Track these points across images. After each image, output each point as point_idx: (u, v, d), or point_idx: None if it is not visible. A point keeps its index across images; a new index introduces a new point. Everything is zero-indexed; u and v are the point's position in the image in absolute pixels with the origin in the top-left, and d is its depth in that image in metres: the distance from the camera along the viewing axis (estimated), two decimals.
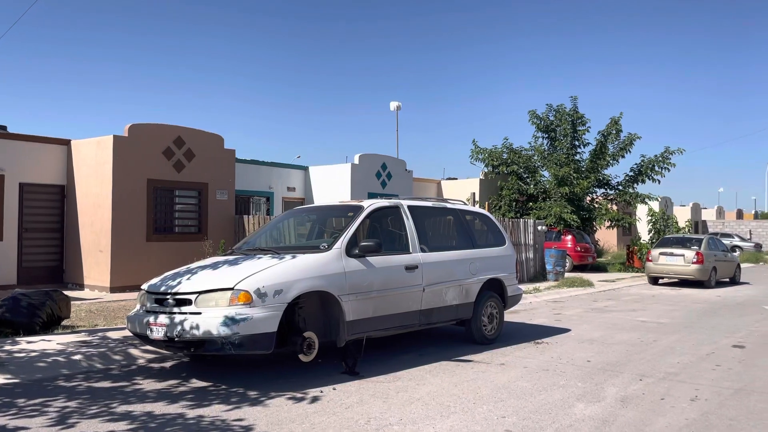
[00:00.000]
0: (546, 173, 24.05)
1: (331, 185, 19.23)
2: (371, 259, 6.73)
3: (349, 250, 6.56)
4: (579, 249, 21.57)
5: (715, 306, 13.25)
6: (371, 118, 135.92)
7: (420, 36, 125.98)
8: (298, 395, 5.56)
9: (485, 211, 9.71)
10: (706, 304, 13.63)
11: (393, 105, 24.34)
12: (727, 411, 5.33)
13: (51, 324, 8.00)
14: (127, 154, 13.08)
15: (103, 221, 12.98)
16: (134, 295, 11.79)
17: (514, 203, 24.25)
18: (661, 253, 18.01)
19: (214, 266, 6.46)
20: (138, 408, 5.09)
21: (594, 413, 5.20)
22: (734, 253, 21.27)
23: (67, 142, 14.07)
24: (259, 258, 6.45)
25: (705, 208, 51.06)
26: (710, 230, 44.39)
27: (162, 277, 6.57)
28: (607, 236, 32.79)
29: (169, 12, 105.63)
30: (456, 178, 27.31)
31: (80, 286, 13.38)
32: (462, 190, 22.64)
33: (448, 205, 8.67)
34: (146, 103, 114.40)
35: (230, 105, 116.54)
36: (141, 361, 6.86)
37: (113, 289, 12.67)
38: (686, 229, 25.41)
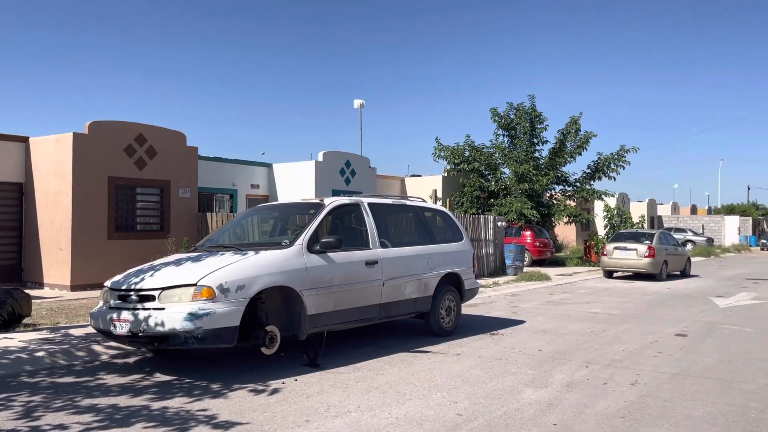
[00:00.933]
0: (507, 170, 24.59)
1: (295, 182, 19.35)
2: (332, 254, 6.95)
3: (311, 247, 6.77)
4: (538, 244, 22.13)
5: (664, 298, 13.84)
6: (336, 115, 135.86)
7: (384, 35, 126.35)
8: (260, 387, 5.75)
9: (444, 208, 10.02)
10: (656, 296, 14.22)
11: (357, 103, 24.57)
12: (663, 393, 5.73)
13: (12, 322, 8.01)
14: (87, 152, 13.00)
15: (63, 219, 12.89)
16: (95, 293, 11.80)
17: (476, 199, 24.72)
18: (615, 248, 18.65)
19: (177, 263, 6.60)
20: (102, 401, 5.23)
21: (540, 397, 5.53)
22: (685, 248, 22.08)
23: (25, 140, 13.89)
24: (222, 254, 6.61)
25: (661, 204, 52.56)
26: (665, 225, 45.78)
27: (125, 274, 6.68)
28: (566, 231, 33.58)
29: (129, 9, 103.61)
30: (420, 175, 27.68)
31: (40, 285, 13.26)
32: (425, 187, 23.00)
33: (408, 203, 8.94)
34: (108, 102, 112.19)
35: (194, 103, 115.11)
36: (104, 357, 6.95)
37: (74, 288, 12.60)
38: (640, 225, 26.21)
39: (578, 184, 25.35)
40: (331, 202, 7.52)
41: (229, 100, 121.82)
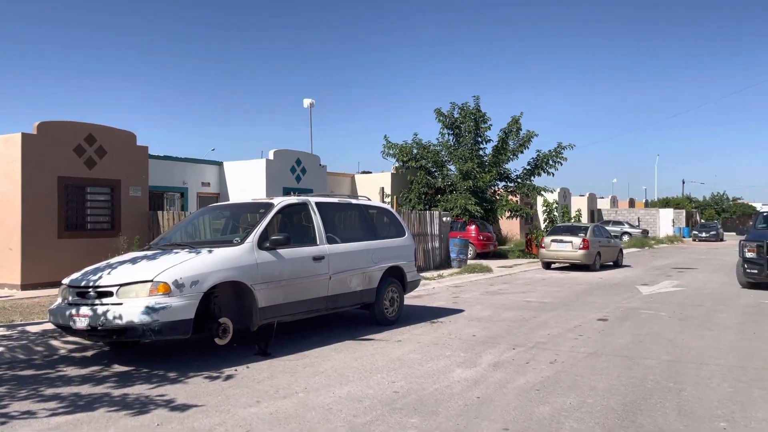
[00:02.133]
0: (453, 167, 25.41)
1: (246, 180, 19.63)
2: (281, 251, 7.43)
3: (261, 244, 7.23)
4: (482, 238, 23.02)
5: (595, 287, 14.80)
6: (287, 114, 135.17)
7: (333, 35, 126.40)
8: (215, 374, 6.20)
9: (387, 206, 10.59)
10: (587, 285, 15.17)
11: (306, 102, 24.95)
12: (576, 370, 6.45)
13: None
14: (36, 152, 13.05)
15: (13, 219, 12.91)
16: (47, 292, 11.93)
17: (424, 196, 25.46)
18: (552, 240, 19.65)
19: (134, 261, 6.97)
20: (65, 390, 5.60)
21: (468, 376, 6.17)
22: (617, 240, 23.32)
23: None
24: (176, 252, 7.01)
25: (601, 198, 54.67)
26: (605, 218, 47.71)
27: (83, 271, 7.00)
28: (510, 225, 34.77)
29: (76, 8, 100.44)
30: (371, 172, 28.28)
31: None
32: (375, 184, 23.59)
33: (353, 201, 9.48)
34: (57, 101, 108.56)
35: (145, 102, 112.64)
36: (63, 352, 7.26)
37: (24, 287, 12.66)
38: (577, 218, 27.48)
39: (520, 180, 26.39)
40: (280, 201, 7.99)
41: (180, 100, 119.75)
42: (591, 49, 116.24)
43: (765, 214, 15.55)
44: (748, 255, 13.70)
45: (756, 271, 13.54)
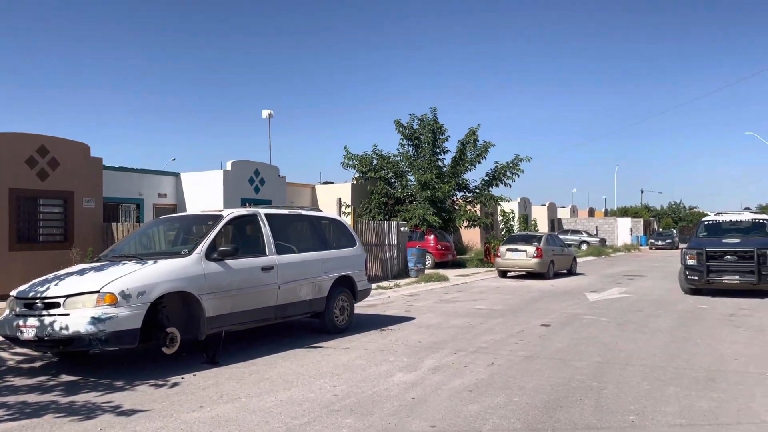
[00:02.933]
0: (412, 178, 25.90)
1: (204, 191, 19.74)
2: (230, 261, 7.69)
3: (209, 255, 7.48)
4: (440, 247, 23.50)
5: (546, 294, 15.34)
6: (246, 125, 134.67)
7: (292, 47, 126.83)
8: (161, 382, 6.42)
9: (338, 217, 10.93)
10: (538, 292, 15.71)
11: (265, 113, 25.18)
12: (510, 372, 6.85)
13: None
14: None
15: None
16: None
17: (383, 206, 25.86)
18: (507, 249, 20.22)
19: (81, 272, 7.14)
20: (12, 399, 5.76)
21: (408, 379, 6.52)
22: (570, 248, 24.05)
23: None
24: (124, 264, 7.21)
25: (562, 207, 55.97)
26: (564, 227, 48.84)
27: (31, 283, 7.15)
28: (471, 235, 35.38)
29: (31, 16, 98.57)
30: (332, 182, 28.57)
31: None
32: (335, 195, 23.89)
33: (304, 212, 9.79)
34: (7, 113, 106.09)
35: (102, 113, 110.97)
36: (10, 363, 7.38)
37: None
38: (533, 227, 28.22)
39: (478, 190, 27.02)
40: (228, 213, 8.25)
41: (138, 111, 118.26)
42: (553, 61, 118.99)
43: (706, 223, 16.34)
44: (689, 262, 14.41)
45: (696, 278, 14.25)
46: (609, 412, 5.31)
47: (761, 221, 15.38)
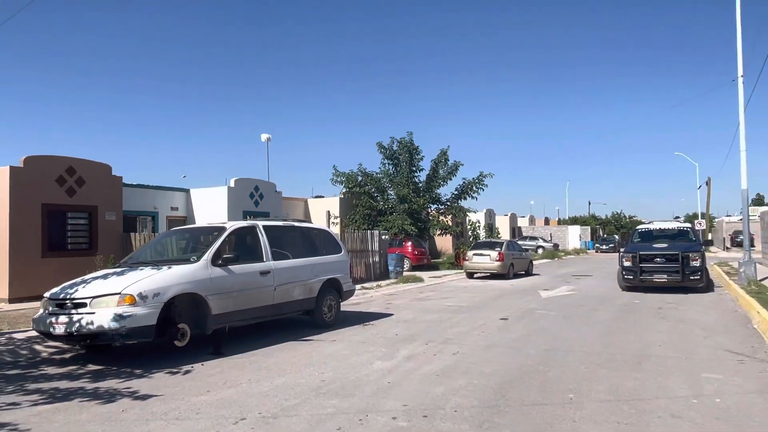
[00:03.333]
0: (392, 192, 26.12)
1: (210, 205, 19.76)
2: (232, 267, 7.81)
3: (214, 261, 7.60)
4: (417, 252, 23.68)
5: (506, 292, 15.56)
6: (250, 144, 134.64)
7: (288, 79, 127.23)
8: (174, 370, 6.52)
9: (326, 228, 11.09)
10: (500, 291, 15.93)
11: (264, 137, 25.24)
12: (472, 358, 7.04)
13: None
14: (22, 183, 13.03)
15: (2, 241, 12.83)
16: (32, 305, 11.86)
17: (367, 217, 26.02)
18: (474, 254, 20.45)
19: (105, 277, 7.23)
20: (46, 385, 5.84)
21: (385, 366, 6.68)
22: (528, 252, 24.35)
23: None
24: (141, 269, 7.31)
25: (522, 217, 56.44)
26: (524, 234, 49.31)
27: (61, 286, 7.22)
28: (445, 241, 35.59)
29: (56, 49, 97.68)
30: (323, 196, 28.67)
31: None
32: (325, 207, 24.04)
33: (296, 224, 9.93)
34: (42, 136, 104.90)
35: (124, 134, 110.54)
36: (44, 354, 7.42)
37: (12, 300, 12.55)
38: (496, 234, 28.53)
39: (449, 203, 27.30)
40: (231, 225, 8.38)
41: (156, 134, 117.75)
42: (514, 95, 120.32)
43: (640, 230, 16.73)
44: (626, 264, 14.75)
45: (632, 277, 14.59)
46: (552, 391, 5.52)
47: (685, 228, 15.80)
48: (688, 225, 16.07)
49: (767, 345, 7.66)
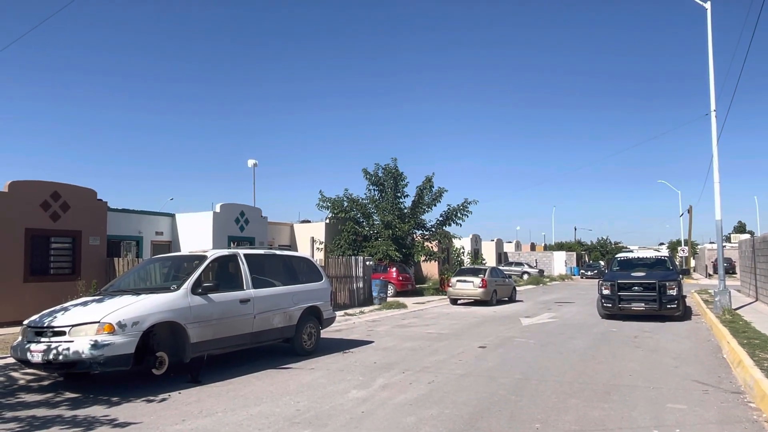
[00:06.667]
0: (377, 218, 26.34)
1: (196, 230, 19.83)
2: (212, 295, 7.93)
3: (194, 290, 7.72)
4: (401, 278, 23.83)
5: (488, 319, 15.71)
6: (236, 170, 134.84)
7: (274, 105, 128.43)
8: (151, 398, 6.59)
9: (307, 255, 11.23)
10: (482, 318, 16.08)
11: (250, 162, 25.50)
12: (447, 387, 7.17)
13: None
14: (6, 207, 13.09)
15: None
16: (12, 330, 11.82)
17: (353, 242, 26.16)
18: (458, 280, 20.64)
19: (84, 304, 7.32)
20: (23, 413, 5.89)
21: (360, 395, 6.79)
22: (511, 279, 24.60)
23: None
24: (121, 297, 7.41)
25: (508, 242, 56.90)
26: (510, 259, 49.63)
27: (41, 314, 7.29)
28: (431, 267, 35.79)
29: (44, 76, 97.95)
30: (309, 221, 28.83)
31: None
32: (311, 233, 24.17)
33: (277, 252, 10.08)
34: (26, 160, 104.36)
35: (109, 160, 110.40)
36: (21, 382, 7.44)
37: None
38: (480, 261, 28.78)
39: (434, 229, 27.56)
40: (212, 254, 8.52)
41: (141, 158, 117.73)
42: (501, 125, 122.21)
43: (619, 259, 17.05)
44: (605, 292, 15.02)
45: (610, 305, 14.85)
46: (520, 421, 5.67)
47: (663, 258, 16.15)
48: (666, 254, 16.44)
49: (733, 375, 7.89)
